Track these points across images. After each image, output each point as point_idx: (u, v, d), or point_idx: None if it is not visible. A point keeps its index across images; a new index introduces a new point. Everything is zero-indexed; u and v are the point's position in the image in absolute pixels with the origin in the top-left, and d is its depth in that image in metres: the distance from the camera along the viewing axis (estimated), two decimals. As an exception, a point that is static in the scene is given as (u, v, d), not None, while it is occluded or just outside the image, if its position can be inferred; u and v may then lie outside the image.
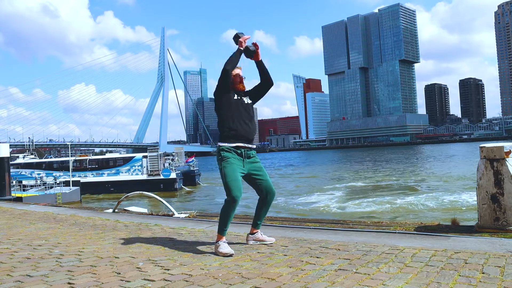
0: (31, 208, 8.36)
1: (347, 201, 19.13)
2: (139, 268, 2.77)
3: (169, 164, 34.27)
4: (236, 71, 3.49)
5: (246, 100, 3.52)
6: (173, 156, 38.51)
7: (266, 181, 3.45)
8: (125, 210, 7.41)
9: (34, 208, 8.35)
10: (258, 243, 3.52)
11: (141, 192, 7.66)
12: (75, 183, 27.49)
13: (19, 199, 16.88)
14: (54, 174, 34.31)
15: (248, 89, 3.61)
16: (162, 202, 6.71)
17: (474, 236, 3.42)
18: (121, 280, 2.48)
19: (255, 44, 3.52)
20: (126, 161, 35.25)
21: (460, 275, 2.33)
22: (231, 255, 3.06)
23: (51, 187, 25.81)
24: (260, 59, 3.55)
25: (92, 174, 35.31)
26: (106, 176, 34.77)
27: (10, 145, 15.75)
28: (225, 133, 3.35)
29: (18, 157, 41.53)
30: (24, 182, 27.62)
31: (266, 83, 3.62)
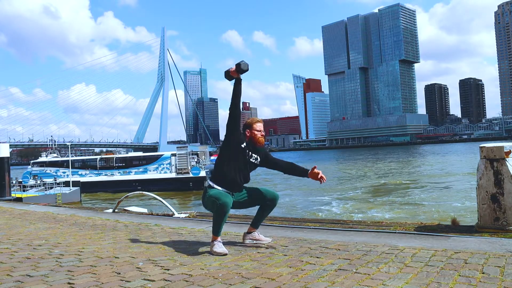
0: (31, 208, 8.36)
1: (366, 204, 18.92)
2: (139, 268, 2.77)
3: (196, 162, 34.08)
4: (259, 126, 3.44)
5: (253, 155, 3.40)
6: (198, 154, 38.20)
7: (260, 191, 3.44)
8: (125, 210, 7.41)
9: (34, 208, 8.35)
10: (255, 242, 3.53)
11: (141, 192, 7.67)
12: (75, 183, 27.50)
13: (19, 200, 16.88)
14: (79, 173, 34.31)
15: (264, 150, 3.48)
16: (162, 202, 6.70)
17: (474, 236, 3.41)
18: (121, 280, 2.48)
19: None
20: (154, 159, 34.92)
21: (460, 275, 2.33)
22: (225, 255, 3.09)
23: (51, 188, 25.83)
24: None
25: (119, 173, 35.14)
26: (133, 175, 34.54)
27: (10, 145, 15.75)
28: (217, 175, 3.33)
29: (40, 155, 41.43)
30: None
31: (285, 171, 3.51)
